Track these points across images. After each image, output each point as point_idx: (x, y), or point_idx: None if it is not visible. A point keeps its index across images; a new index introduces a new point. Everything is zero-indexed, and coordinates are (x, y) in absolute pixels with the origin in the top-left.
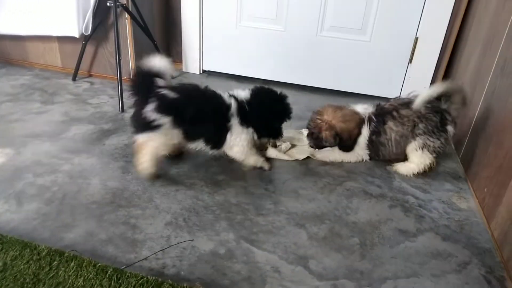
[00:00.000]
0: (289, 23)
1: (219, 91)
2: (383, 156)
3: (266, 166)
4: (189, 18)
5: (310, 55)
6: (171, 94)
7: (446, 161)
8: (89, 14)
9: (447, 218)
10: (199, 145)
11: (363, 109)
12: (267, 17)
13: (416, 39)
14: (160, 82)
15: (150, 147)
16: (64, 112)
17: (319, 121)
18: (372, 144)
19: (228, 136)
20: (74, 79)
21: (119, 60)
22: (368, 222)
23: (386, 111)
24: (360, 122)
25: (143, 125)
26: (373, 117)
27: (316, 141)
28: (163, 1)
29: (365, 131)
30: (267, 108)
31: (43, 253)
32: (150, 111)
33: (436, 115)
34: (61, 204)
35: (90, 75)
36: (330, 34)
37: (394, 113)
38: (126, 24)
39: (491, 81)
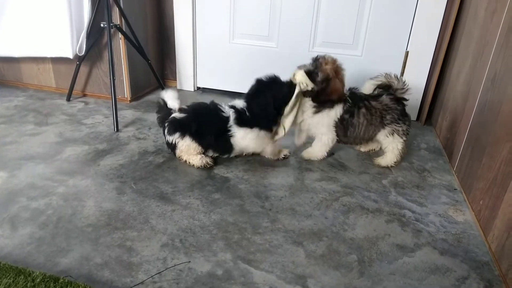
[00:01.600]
0: (282, 39)
1: (221, 104)
2: (350, 137)
3: (285, 152)
4: (183, 37)
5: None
6: (178, 116)
7: (440, 173)
8: (83, 35)
9: (444, 231)
10: (213, 153)
11: None
12: (259, 34)
13: (407, 52)
14: (173, 107)
15: (185, 158)
16: (59, 133)
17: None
18: (343, 124)
19: (232, 141)
20: (68, 100)
21: (114, 79)
22: (365, 238)
23: (359, 97)
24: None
25: (168, 145)
26: (349, 99)
27: (310, 78)
28: (157, 20)
29: (339, 108)
30: (262, 98)
31: (38, 280)
32: (166, 134)
33: (399, 104)
34: (55, 227)
35: (85, 95)
36: (322, 49)
37: (366, 102)
38: (120, 44)
39: (482, 93)
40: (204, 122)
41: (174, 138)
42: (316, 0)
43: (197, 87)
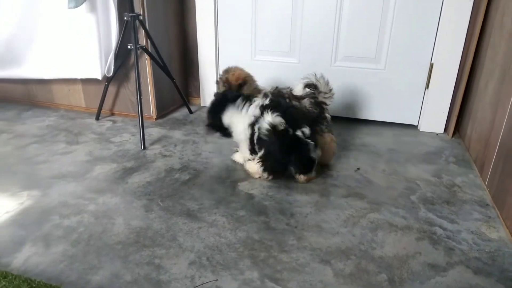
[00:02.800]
0: (303, 55)
1: None
2: None
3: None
4: (205, 55)
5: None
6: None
7: (471, 188)
8: (111, 56)
9: (477, 249)
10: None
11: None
12: (280, 50)
13: (432, 65)
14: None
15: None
16: (88, 151)
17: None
18: None
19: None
20: (97, 119)
21: (140, 99)
22: (395, 257)
23: (282, 95)
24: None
25: None
26: (270, 95)
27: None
28: (180, 40)
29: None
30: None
31: None
32: None
33: (317, 108)
34: (87, 245)
35: (112, 114)
36: (344, 64)
37: (288, 101)
38: (146, 64)
39: None
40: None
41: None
42: (337, 15)
43: None
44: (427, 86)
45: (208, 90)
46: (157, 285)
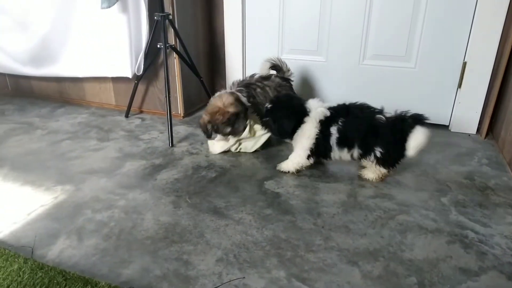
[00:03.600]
0: (331, 53)
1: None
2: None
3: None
4: (233, 53)
5: (353, 84)
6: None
7: (505, 191)
8: (141, 55)
9: (511, 254)
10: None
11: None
12: (308, 49)
13: (465, 63)
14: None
15: None
16: (119, 148)
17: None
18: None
19: None
20: (127, 116)
21: (169, 97)
22: (425, 260)
23: (251, 82)
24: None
25: None
26: (243, 88)
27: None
28: (208, 38)
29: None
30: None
31: None
32: None
33: (288, 82)
34: (118, 239)
35: (141, 112)
36: (373, 62)
37: (259, 83)
38: (175, 63)
39: None
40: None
41: None
42: (366, 12)
43: None
44: (459, 86)
45: None
46: (185, 280)
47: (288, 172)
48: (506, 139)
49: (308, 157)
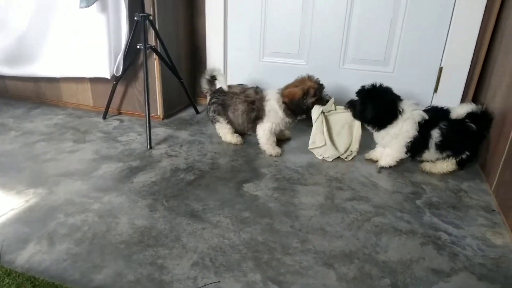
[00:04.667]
0: (312, 57)
1: None
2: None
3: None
4: (214, 55)
5: (333, 87)
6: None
7: (478, 193)
8: (120, 56)
9: (482, 255)
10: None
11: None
12: (289, 52)
13: (441, 68)
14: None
15: None
16: (95, 150)
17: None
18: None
19: None
20: (104, 118)
21: (148, 98)
22: (399, 261)
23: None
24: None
25: None
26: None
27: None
28: (189, 40)
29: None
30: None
31: None
32: None
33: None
34: (91, 244)
35: (120, 113)
36: (353, 66)
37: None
38: (155, 64)
39: None
40: None
41: None
42: (347, 17)
43: None
44: (435, 90)
45: None
46: (159, 285)
47: (390, 167)
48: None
49: (406, 152)
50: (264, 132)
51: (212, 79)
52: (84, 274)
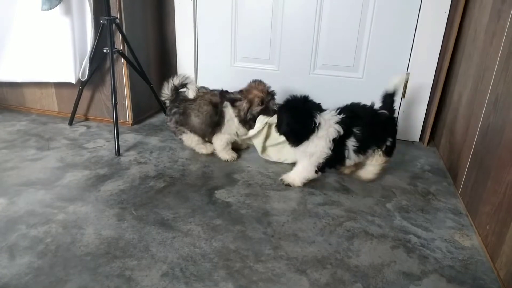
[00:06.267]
0: (282, 62)
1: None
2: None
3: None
4: (184, 60)
5: (304, 92)
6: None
7: (445, 196)
8: (86, 60)
9: (451, 257)
10: None
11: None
12: (260, 58)
13: (408, 74)
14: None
15: None
16: (60, 158)
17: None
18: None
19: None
20: (70, 124)
21: (115, 104)
22: (370, 265)
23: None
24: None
25: None
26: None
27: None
28: (159, 44)
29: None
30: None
31: None
32: None
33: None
34: (54, 256)
35: (87, 119)
36: (323, 72)
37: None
38: (123, 68)
39: (485, 116)
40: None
41: None
42: (316, 23)
43: None
44: (403, 96)
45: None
46: None
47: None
48: (446, 146)
49: (316, 171)
50: (221, 143)
51: (181, 87)
52: None
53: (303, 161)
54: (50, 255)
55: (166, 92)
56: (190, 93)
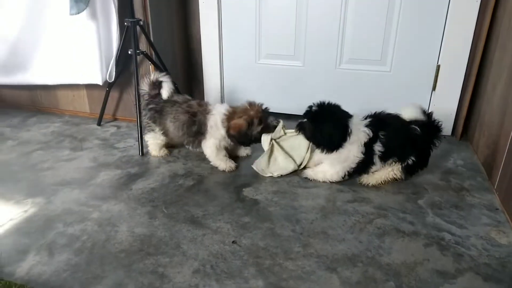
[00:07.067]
0: (308, 58)
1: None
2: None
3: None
4: (210, 59)
5: (330, 88)
6: None
7: (480, 192)
8: (112, 62)
9: (487, 255)
10: None
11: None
12: (285, 54)
13: (438, 66)
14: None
15: None
16: (93, 158)
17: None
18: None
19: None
20: (99, 124)
21: (139, 104)
22: (403, 264)
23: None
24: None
25: None
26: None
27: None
28: (185, 44)
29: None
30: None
31: None
32: None
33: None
34: (90, 254)
35: (117, 119)
36: (349, 66)
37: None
38: (150, 70)
39: None
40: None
41: None
42: (342, 17)
43: None
44: (433, 88)
45: (213, 94)
46: None
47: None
48: (480, 140)
49: (343, 177)
50: (210, 149)
51: (158, 84)
52: (84, 285)
53: (335, 166)
54: (86, 252)
55: (143, 87)
56: (164, 93)
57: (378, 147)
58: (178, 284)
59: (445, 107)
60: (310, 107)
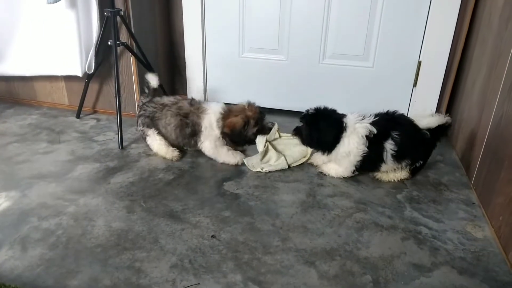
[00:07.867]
0: (291, 52)
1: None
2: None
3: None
4: (192, 52)
5: (313, 83)
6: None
7: (458, 187)
8: (92, 53)
9: (462, 249)
10: None
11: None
12: (268, 48)
13: (419, 62)
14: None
15: None
16: (71, 151)
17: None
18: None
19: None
20: (78, 117)
21: (119, 97)
22: (380, 257)
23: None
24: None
25: None
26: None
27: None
28: (167, 36)
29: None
30: None
31: None
32: None
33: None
34: (65, 248)
35: (96, 112)
36: (332, 61)
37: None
38: (131, 61)
39: (499, 103)
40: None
41: None
42: (325, 12)
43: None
44: (414, 84)
45: (195, 87)
46: None
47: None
48: (459, 136)
49: (353, 171)
50: (211, 150)
51: (151, 91)
52: (58, 280)
53: (341, 163)
54: (61, 247)
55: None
56: (153, 82)
57: (390, 146)
58: (155, 279)
59: (425, 102)
60: (307, 110)
